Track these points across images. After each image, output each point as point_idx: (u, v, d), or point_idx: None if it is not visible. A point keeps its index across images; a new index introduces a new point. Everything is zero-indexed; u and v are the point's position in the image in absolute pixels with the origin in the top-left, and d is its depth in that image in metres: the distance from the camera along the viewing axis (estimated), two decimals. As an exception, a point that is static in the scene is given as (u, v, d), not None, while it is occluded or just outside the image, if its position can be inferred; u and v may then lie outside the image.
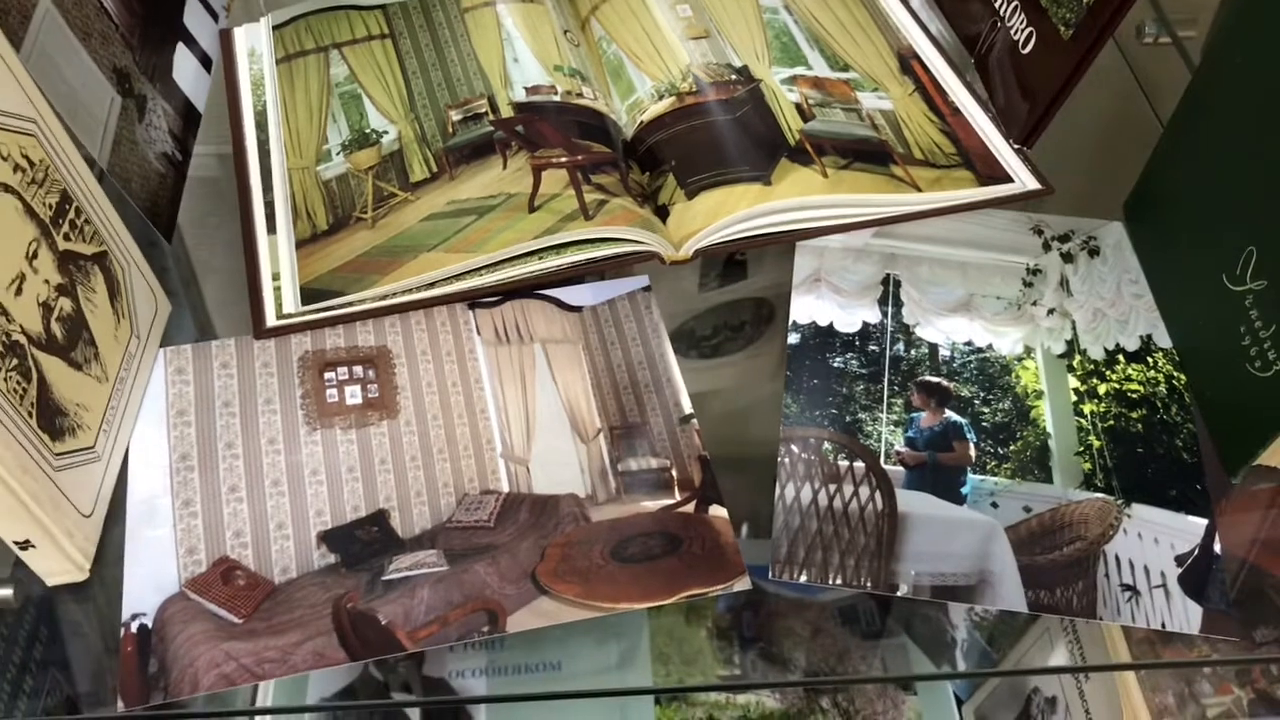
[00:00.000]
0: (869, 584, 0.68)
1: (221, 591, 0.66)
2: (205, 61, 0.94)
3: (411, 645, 0.64)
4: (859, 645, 0.96)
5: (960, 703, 0.96)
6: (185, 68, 0.91)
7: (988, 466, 0.74)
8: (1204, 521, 0.71)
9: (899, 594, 0.68)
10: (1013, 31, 0.92)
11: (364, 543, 0.69)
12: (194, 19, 0.93)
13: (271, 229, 0.82)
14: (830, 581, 0.68)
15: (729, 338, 0.84)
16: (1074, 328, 0.80)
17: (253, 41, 0.95)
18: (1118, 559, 0.69)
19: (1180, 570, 0.69)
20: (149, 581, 0.66)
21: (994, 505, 0.72)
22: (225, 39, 0.95)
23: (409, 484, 0.71)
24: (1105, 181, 0.92)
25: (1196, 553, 0.70)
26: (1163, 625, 0.67)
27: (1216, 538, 0.70)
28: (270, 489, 0.70)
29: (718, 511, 0.71)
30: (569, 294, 0.81)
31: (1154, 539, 0.70)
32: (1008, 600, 0.68)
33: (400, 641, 0.64)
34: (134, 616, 0.65)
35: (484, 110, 0.87)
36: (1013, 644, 0.86)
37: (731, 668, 0.95)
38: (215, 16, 0.97)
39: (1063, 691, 0.90)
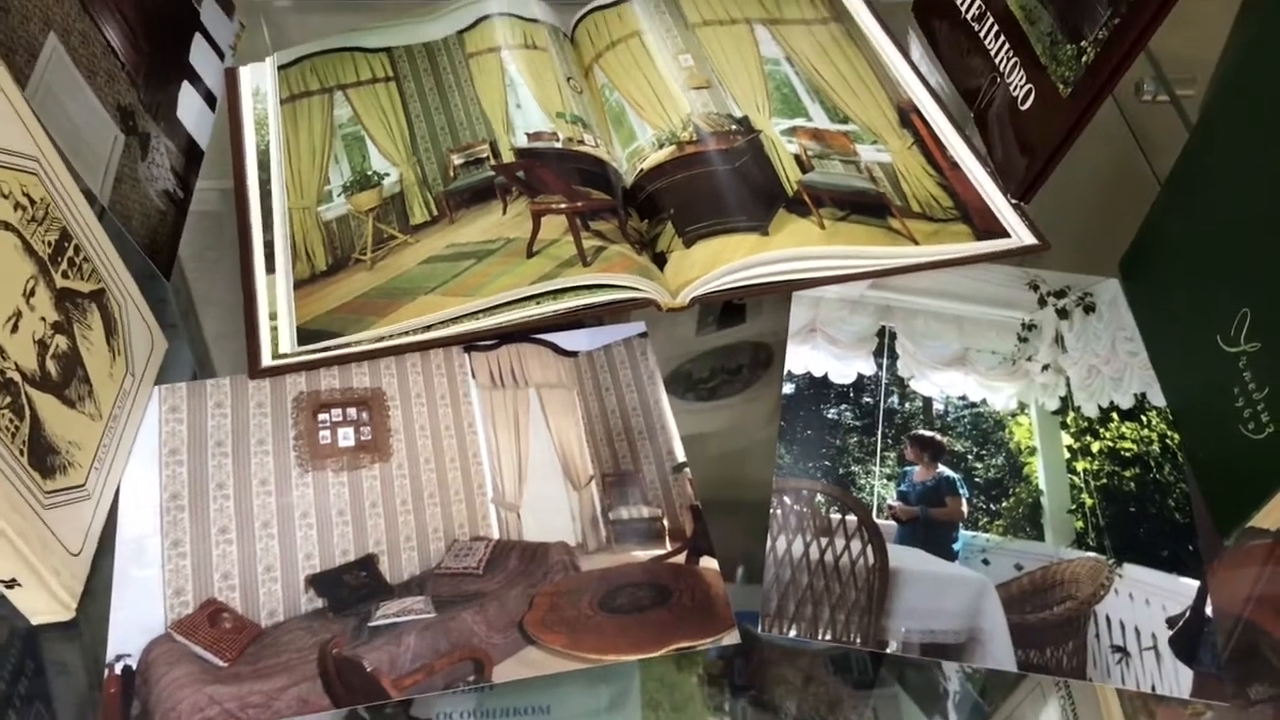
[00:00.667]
0: (858, 640, 0.68)
1: (208, 634, 0.66)
2: (210, 99, 0.95)
3: (396, 693, 0.64)
4: (851, 695, 0.96)
5: None
6: (189, 105, 0.91)
7: (980, 523, 0.73)
8: (1196, 583, 0.71)
9: (888, 651, 0.68)
10: (1012, 88, 0.93)
11: (352, 587, 0.69)
12: (200, 57, 0.94)
13: (270, 268, 0.83)
14: (820, 637, 0.68)
15: (726, 381, 0.84)
16: (1068, 384, 0.80)
17: (257, 81, 0.95)
18: (1108, 619, 0.69)
19: (1171, 632, 0.69)
20: (135, 622, 0.66)
21: (985, 562, 0.71)
22: (230, 78, 0.96)
23: (399, 529, 0.71)
24: (1102, 238, 0.92)
25: (1188, 615, 0.69)
26: (1153, 688, 0.67)
27: (1208, 600, 0.70)
28: (260, 531, 0.70)
29: (708, 563, 0.71)
30: (565, 339, 0.81)
31: (1145, 600, 0.70)
32: (997, 659, 0.68)
33: (385, 689, 0.64)
34: (118, 657, 0.65)
35: (485, 155, 0.88)
36: (1005, 697, 0.85)
37: (722, 715, 0.95)
38: (221, 55, 0.98)
39: None
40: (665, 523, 0.73)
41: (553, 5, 1.02)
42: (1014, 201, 0.90)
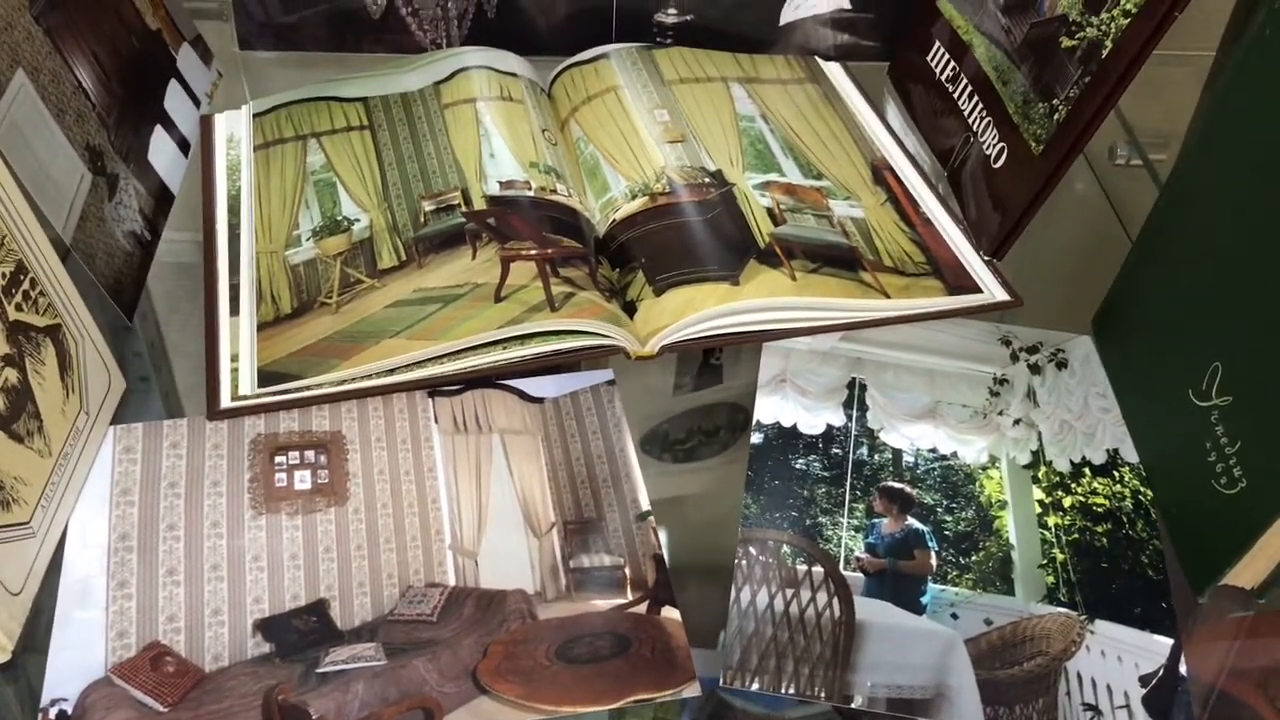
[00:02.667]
0: (822, 694, 0.66)
1: (149, 678, 0.64)
2: (184, 145, 0.95)
3: (342, 742, 0.62)
4: None
5: None
6: (162, 150, 0.91)
7: (949, 576, 0.72)
8: (1169, 641, 0.69)
9: (853, 705, 0.66)
10: (985, 146, 0.93)
11: (301, 633, 0.67)
12: (175, 103, 0.94)
13: (235, 310, 0.82)
14: (783, 690, 0.66)
15: (703, 442, 0.83)
16: (1040, 439, 0.79)
17: (232, 128, 0.95)
18: (1080, 676, 0.67)
19: (1144, 690, 0.67)
20: (74, 665, 0.64)
21: (954, 616, 0.70)
22: (205, 125, 0.96)
23: (352, 574, 0.69)
24: (1075, 296, 0.92)
25: (1161, 673, 0.68)
26: (1126, 748, 0.65)
27: (1182, 658, 0.68)
28: (209, 573, 0.68)
29: (670, 613, 0.69)
30: (531, 385, 0.80)
31: (1118, 657, 0.68)
32: (965, 716, 0.65)
33: (332, 737, 0.62)
34: (54, 702, 0.62)
35: (457, 202, 0.87)
36: None
37: None
38: (197, 103, 0.98)
39: None
40: (627, 571, 0.71)
41: (531, 61, 1.03)
42: (987, 258, 0.90)
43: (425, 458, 0.75)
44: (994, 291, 0.88)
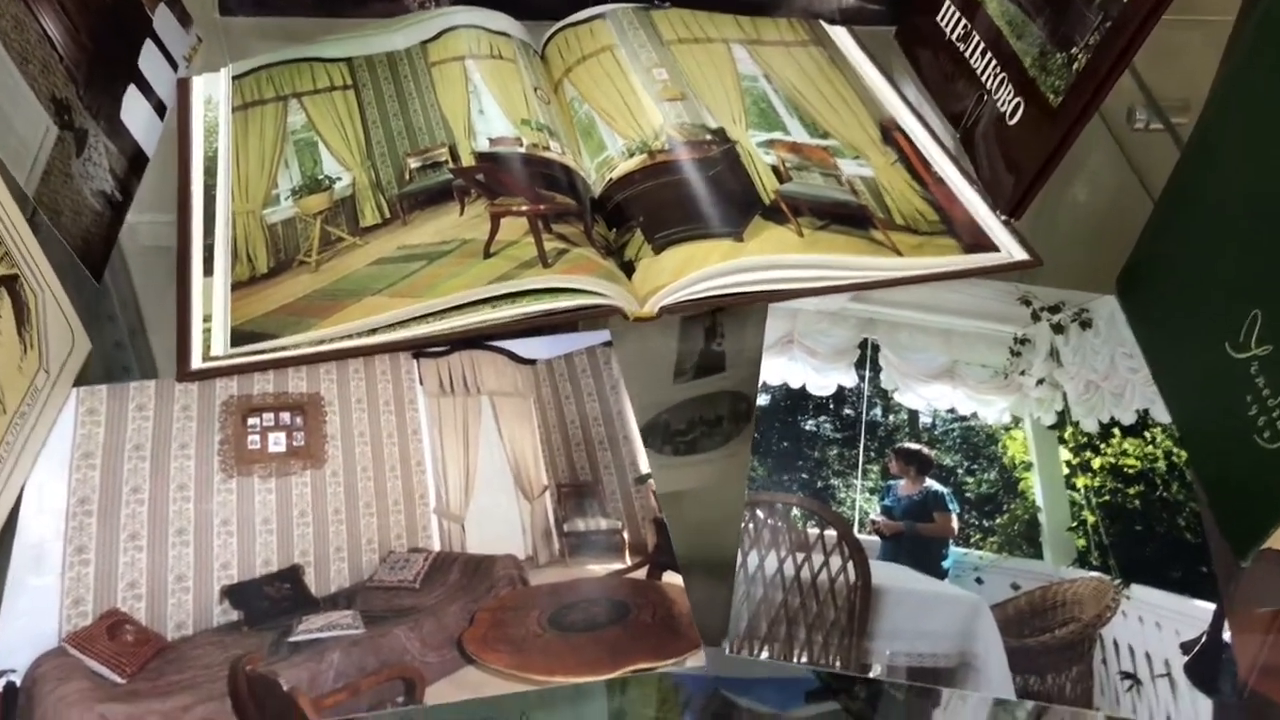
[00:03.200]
0: (838, 663, 0.61)
1: (106, 647, 0.59)
2: (160, 109, 0.90)
3: (315, 715, 0.56)
4: None
5: None
6: (136, 111, 0.87)
7: (972, 539, 0.67)
8: (1211, 606, 0.64)
9: (872, 675, 0.61)
10: (1000, 104, 0.89)
11: (272, 600, 0.62)
12: (150, 64, 0.90)
13: (208, 271, 0.77)
14: (795, 659, 0.61)
15: (705, 434, 0.77)
16: (1065, 399, 0.74)
17: (210, 90, 0.91)
18: (1116, 644, 0.62)
19: (1186, 658, 0.62)
20: (25, 634, 0.59)
21: (978, 581, 0.65)
22: (182, 87, 0.92)
23: (329, 539, 0.64)
24: (1096, 256, 0.87)
25: (1204, 640, 0.62)
26: (1168, 718, 0.59)
27: (1226, 624, 0.63)
28: (174, 538, 0.63)
29: (672, 579, 0.64)
30: (523, 346, 0.76)
31: (1156, 623, 0.63)
32: (993, 685, 0.60)
33: (303, 710, 0.57)
34: (3, 672, 0.57)
35: (444, 158, 0.83)
36: None
37: None
38: (175, 65, 0.94)
39: None
40: (625, 535, 0.66)
41: (523, 24, 0.99)
42: (1004, 218, 0.86)
43: (409, 419, 0.71)
44: (1012, 251, 0.83)
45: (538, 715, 0.91)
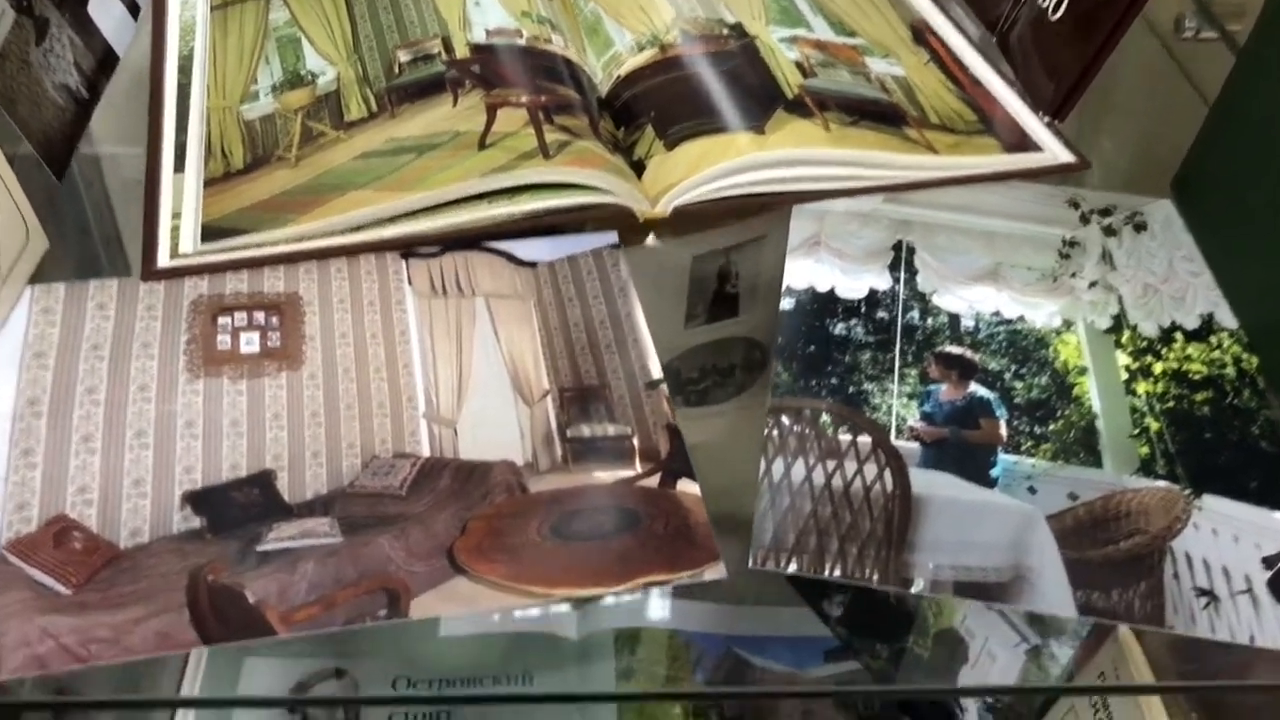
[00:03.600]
0: (875, 577, 0.54)
1: (51, 556, 0.52)
2: (134, 9, 0.84)
3: (285, 629, 0.50)
4: None
5: None
6: (106, 6, 0.80)
7: (1023, 446, 0.60)
8: (1295, 517, 0.57)
9: (914, 590, 0.54)
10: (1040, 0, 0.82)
11: (240, 506, 0.55)
12: (121, -41, 0.83)
13: (179, 167, 0.70)
14: (827, 571, 0.54)
15: (717, 383, 0.70)
16: (1121, 303, 0.67)
17: (187, -11, 0.84)
18: (1189, 558, 0.55)
19: (1270, 573, 0.55)
20: (-39, 542, 0.52)
21: (1031, 490, 0.58)
22: (157, -14, 0.85)
23: (305, 442, 0.58)
24: (1146, 161, 0.80)
25: (1289, 554, 0.55)
26: (1251, 639, 0.52)
27: (1312, 538, 0.56)
28: (132, 440, 0.57)
29: (687, 487, 0.57)
30: (522, 248, 0.69)
31: (1233, 536, 0.56)
32: (1051, 601, 0.53)
33: (270, 623, 0.50)
34: (-67, 582, 0.51)
35: (436, 50, 0.76)
36: None
37: None
38: (149, -36, 0.87)
39: None
40: (635, 442, 0.59)
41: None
42: (1046, 120, 0.78)
43: (396, 321, 0.64)
44: (1056, 153, 0.76)
45: (543, 672, 0.85)
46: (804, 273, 0.68)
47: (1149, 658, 0.61)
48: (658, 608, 0.81)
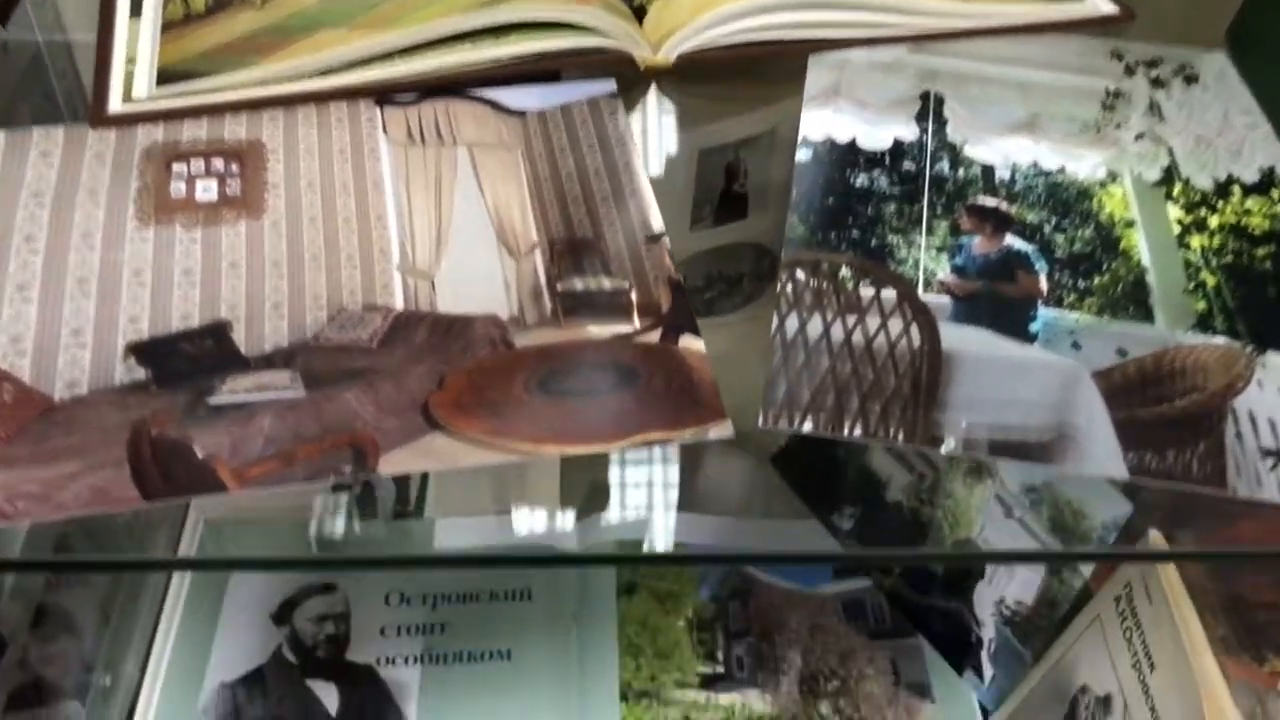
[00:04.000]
0: (901, 436, 0.48)
1: (-24, 409, 0.46)
2: None
3: (237, 485, 0.44)
4: (866, 645, 0.77)
5: (986, 712, 0.75)
6: None
7: (1065, 301, 0.54)
8: (1369, 375, 0.51)
9: (944, 450, 0.48)
10: None
11: (190, 358, 0.49)
12: None
13: (136, 12, 0.64)
14: (847, 430, 0.48)
15: (724, 293, 0.65)
16: (1171, 155, 0.61)
17: None
18: (1253, 418, 0.49)
19: (1342, 434, 0.49)
20: (-122, 394, 0.46)
21: (1075, 346, 0.52)
22: None
23: (265, 293, 0.52)
24: (1195, 12, 0.73)
25: (1363, 414, 0.49)
26: (1324, 502, 0.47)
27: (1388, 397, 0.50)
28: (73, 290, 0.51)
29: (691, 342, 0.51)
30: (509, 96, 0.62)
31: (1301, 395, 0.50)
32: (1099, 462, 0.48)
33: (221, 479, 0.44)
34: None
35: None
36: (1052, 639, 0.67)
37: (714, 664, 0.76)
38: None
39: (1120, 687, 0.68)
40: (633, 296, 0.53)
41: None
42: (1086, -31, 0.71)
43: (369, 170, 0.58)
44: (1097, 2, 0.69)
45: (541, 580, 0.80)
46: (822, 124, 0.62)
47: (1180, 566, 0.57)
48: (662, 521, 0.77)
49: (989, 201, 0.58)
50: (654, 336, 0.51)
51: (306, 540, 0.71)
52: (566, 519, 0.69)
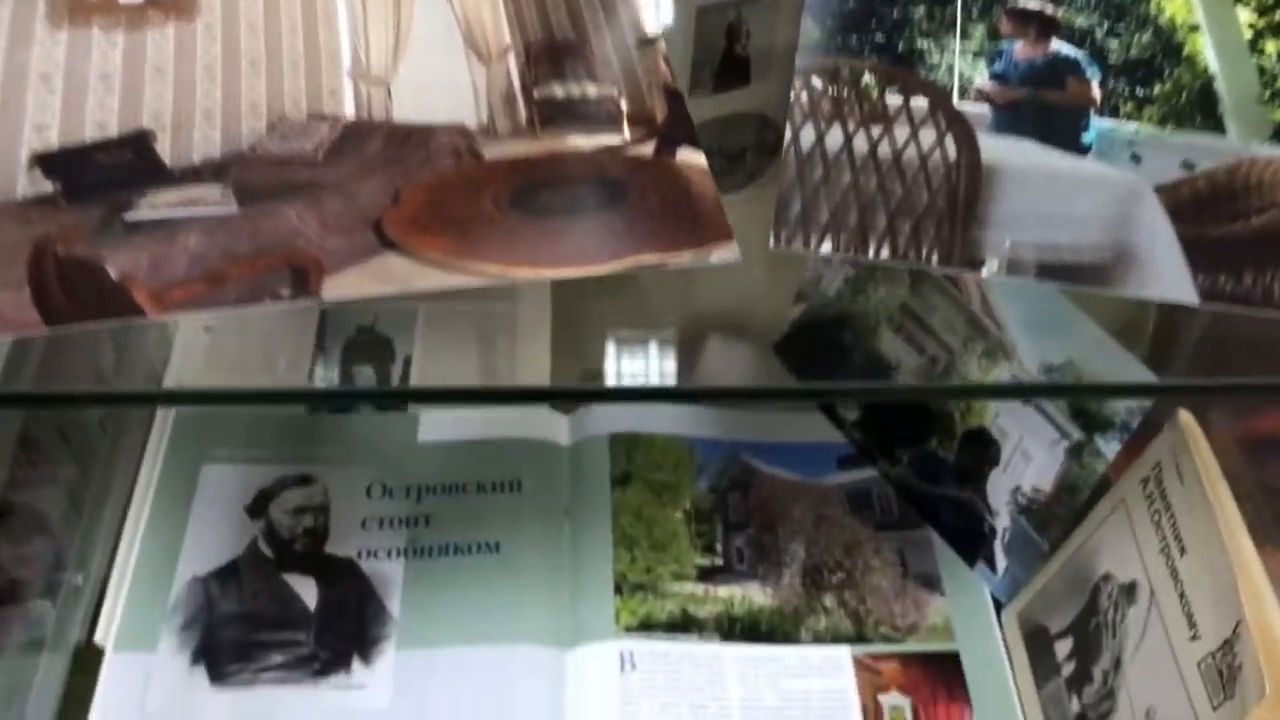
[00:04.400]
0: (935, 256, 0.41)
1: None
2: None
3: (158, 309, 0.38)
4: (872, 537, 0.74)
5: (999, 605, 0.70)
6: None
7: (1122, 109, 0.47)
8: None
9: (984, 273, 0.41)
10: None
11: (105, 169, 0.42)
12: None
13: None
14: (871, 250, 0.41)
15: (725, 170, 0.62)
16: (1239, -46, 0.53)
17: None
18: (1341, 237, 0.42)
19: None
20: None
21: (1134, 159, 0.45)
22: None
23: (196, 100, 0.45)
24: None
25: None
26: None
27: None
28: (-31, 94, 0.44)
29: (690, 156, 0.44)
30: (481, -109, 0.54)
31: (1398, 213, 0.43)
32: (1165, 284, 0.41)
33: (136, 303, 0.38)
34: None
35: None
36: (1071, 528, 0.64)
37: (713, 556, 0.73)
38: None
39: (1146, 574, 0.63)
40: (623, 105, 0.46)
41: None
42: None
43: (319, -31, 0.50)
44: None
45: (531, 471, 0.75)
46: (838, -76, 0.54)
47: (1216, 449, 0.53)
48: (658, 410, 0.77)
49: (1032, 3, 0.51)
50: (647, 149, 0.44)
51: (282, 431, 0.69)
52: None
